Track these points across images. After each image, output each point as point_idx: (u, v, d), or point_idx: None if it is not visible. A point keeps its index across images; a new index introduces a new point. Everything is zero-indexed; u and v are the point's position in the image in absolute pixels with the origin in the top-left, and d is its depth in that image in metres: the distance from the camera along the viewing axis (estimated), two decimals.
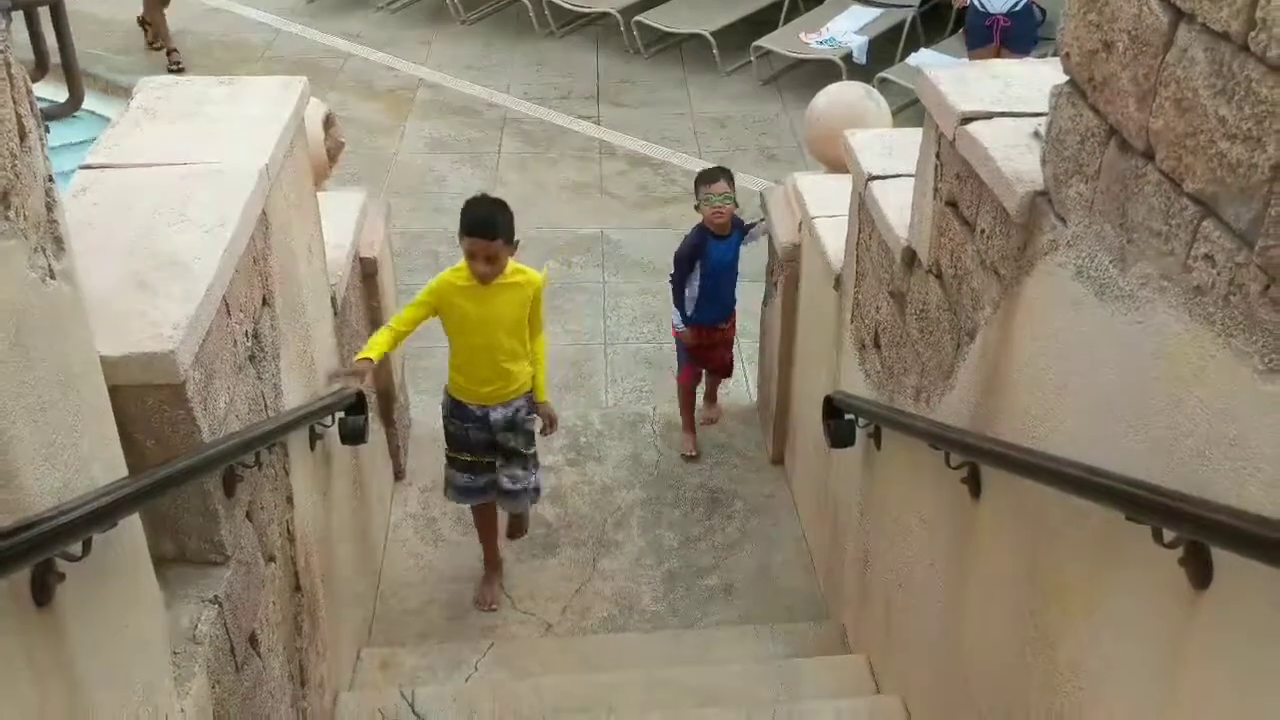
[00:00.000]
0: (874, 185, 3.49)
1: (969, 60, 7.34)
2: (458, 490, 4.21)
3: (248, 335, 2.78)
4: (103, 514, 1.78)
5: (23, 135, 1.63)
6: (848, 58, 8.75)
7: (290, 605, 3.12)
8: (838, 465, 4.15)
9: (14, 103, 1.60)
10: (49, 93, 2.89)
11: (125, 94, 3.86)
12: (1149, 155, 1.80)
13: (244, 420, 2.69)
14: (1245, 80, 1.51)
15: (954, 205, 2.78)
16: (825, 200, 4.35)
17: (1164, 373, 1.76)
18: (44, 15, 3.02)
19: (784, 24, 9.39)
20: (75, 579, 1.74)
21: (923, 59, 8.28)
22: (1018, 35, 7.72)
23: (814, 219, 4.32)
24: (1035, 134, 2.42)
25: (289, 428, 3.01)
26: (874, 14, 9.24)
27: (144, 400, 2.27)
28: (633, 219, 7.57)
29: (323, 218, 3.81)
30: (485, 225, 3.73)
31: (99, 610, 1.90)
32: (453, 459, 4.17)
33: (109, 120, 3.23)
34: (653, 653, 4.19)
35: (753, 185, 7.32)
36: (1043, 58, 4.30)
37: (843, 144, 3.84)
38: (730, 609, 4.50)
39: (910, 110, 7.22)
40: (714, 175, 4.84)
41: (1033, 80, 2.64)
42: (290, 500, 3.13)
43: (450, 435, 4.14)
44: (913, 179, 3.16)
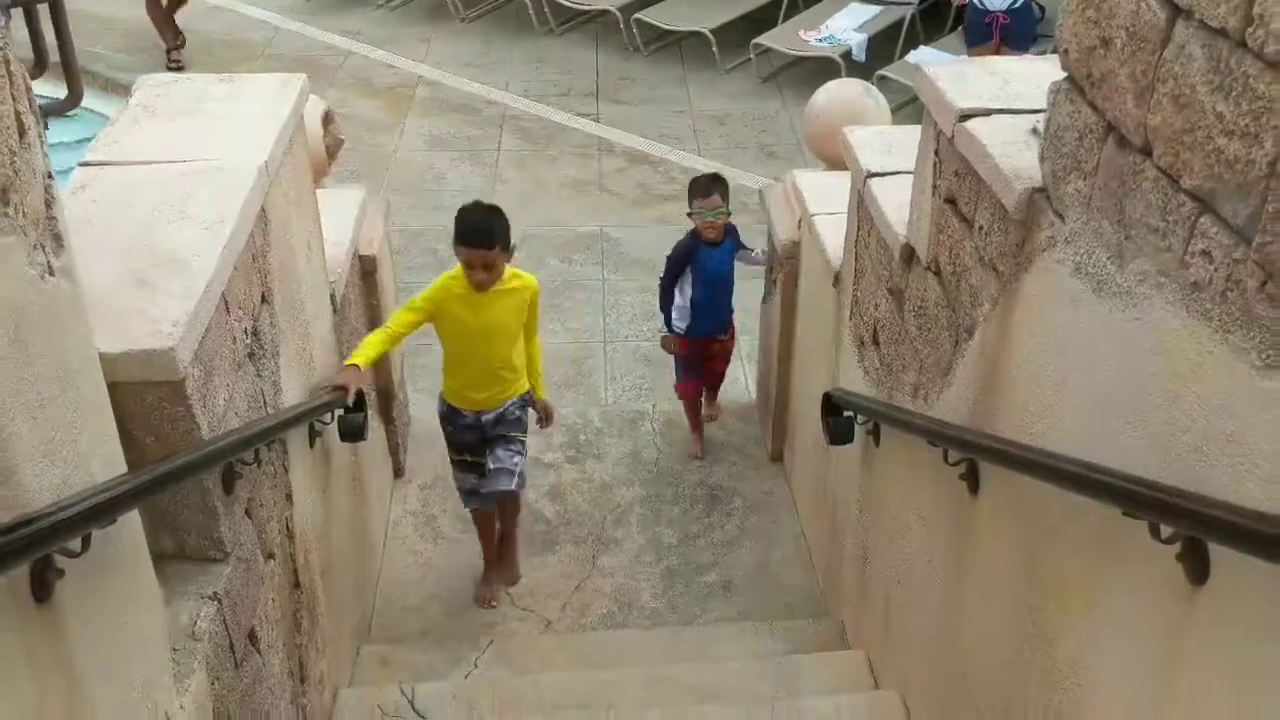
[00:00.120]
0: (873, 182, 3.50)
1: (968, 57, 7.34)
2: (465, 493, 4.24)
3: (247, 332, 2.78)
4: (102, 510, 1.78)
5: (22, 132, 1.63)
6: (847, 55, 8.74)
7: (290, 602, 3.13)
8: (837, 462, 4.15)
9: (13, 100, 1.60)
10: (48, 90, 2.90)
11: (125, 91, 3.86)
12: (1147, 151, 1.80)
13: (243, 417, 2.70)
14: (1243, 76, 1.51)
15: (952, 202, 2.78)
16: (824, 197, 4.35)
17: (1162, 369, 1.76)
18: (43, 13, 3.03)
19: (783, 21, 9.38)
20: (74, 575, 1.74)
21: (922, 56, 8.27)
22: (1017, 32, 7.72)
23: (813, 216, 4.32)
24: (1033, 131, 2.42)
25: (288, 425, 3.02)
26: (873, 11, 9.23)
27: (143, 397, 2.27)
28: (632, 216, 7.57)
29: (322, 215, 3.81)
30: (482, 234, 3.67)
31: (98, 607, 1.90)
32: (455, 461, 4.19)
33: (108, 118, 3.23)
34: (652, 649, 4.19)
35: (752, 183, 7.33)
36: (1042, 55, 4.30)
37: (842, 141, 3.84)
38: (729, 606, 4.50)
39: (909, 107, 7.21)
40: (708, 188, 4.74)
41: (1031, 77, 2.65)
42: (289, 497, 3.13)
43: (447, 438, 4.16)
44: (911, 176, 3.16)
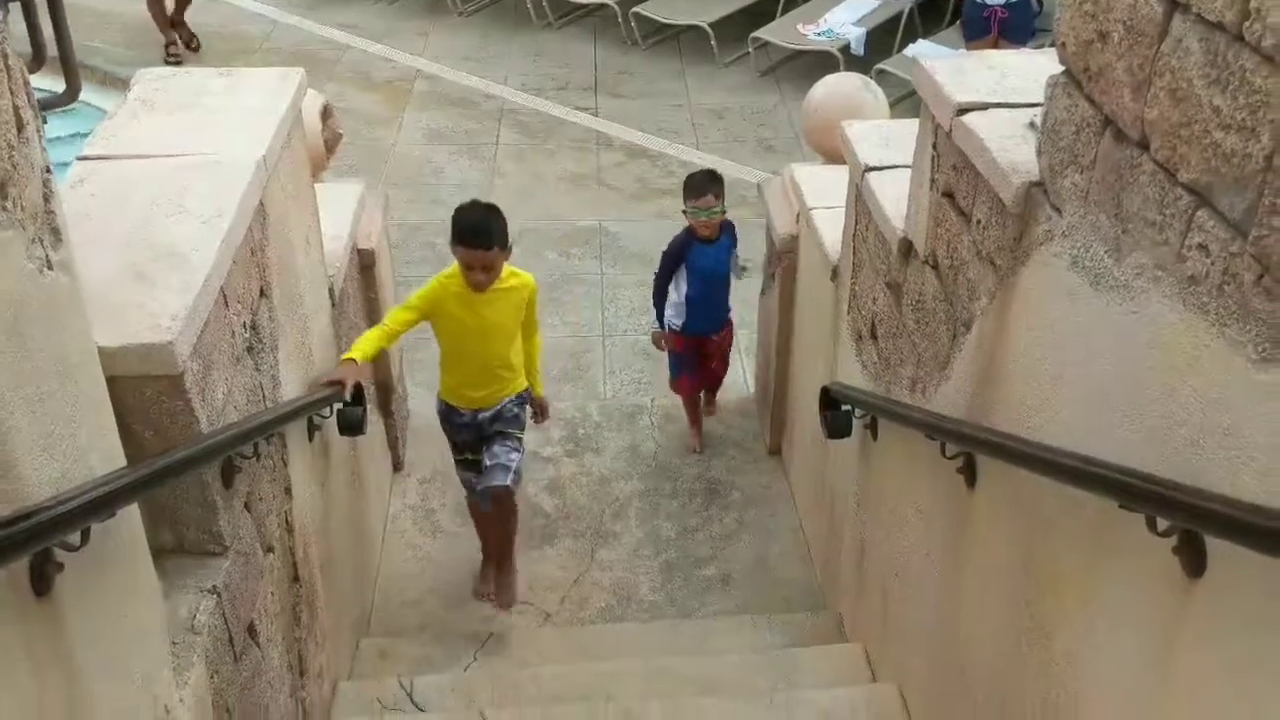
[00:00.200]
0: (871, 176, 3.50)
1: (966, 51, 7.34)
2: (469, 488, 4.22)
3: (245, 326, 2.79)
4: (101, 504, 1.78)
5: (20, 126, 1.63)
6: (845, 49, 8.74)
7: (289, 596, 3.13)
8: (835, 456, 4.16)
9: (11, 94, 1.60)
10: (46, 84, 2.89)
11: (123, 85, 3.86)
12: (1144, 145, 1.80)
13: (242, 411, 2.70)
14: (1240, 70, 1.51)
15: (950, 196, 2.78)
16: (823, 191, 4.35)
17: (1158, 362, 1.77)
18: (41, 6, 3.02)
19: (781, 15, 9.36)
20: (74, 569, 1.74)
21: (920, 50, 8.26)
22: (1015, 26, 7.72)
23: (811, 210, 4.32)
24: (1031, 125, 2.43)
25: (287, 419, 3.02)
26: (871, 5, 9.22)
27: (142, 391, 2.27)
28: (630, 210, 7.56)
29: (320, 209, 3.81)
30: (480, 234, 3.62)
31: (98, 600, 1.90)
32: (457, 460, 4.19)
33: (106, 112, 3.23)
34: (651, 642, 4.20)
35: (750, 177, 7.33)
36: (1039, 48, 4.30)
37: (840, 135, 3.84)
38: (728, 599, 4.51)
39: (907, 101, 7.20)
40: (701, 187, 4.67)
41: (1029, 71, 2.65)
42: (288, 491, 3.14)
43: (447, 436, 4.14)
44: (909, 170, 3.17)
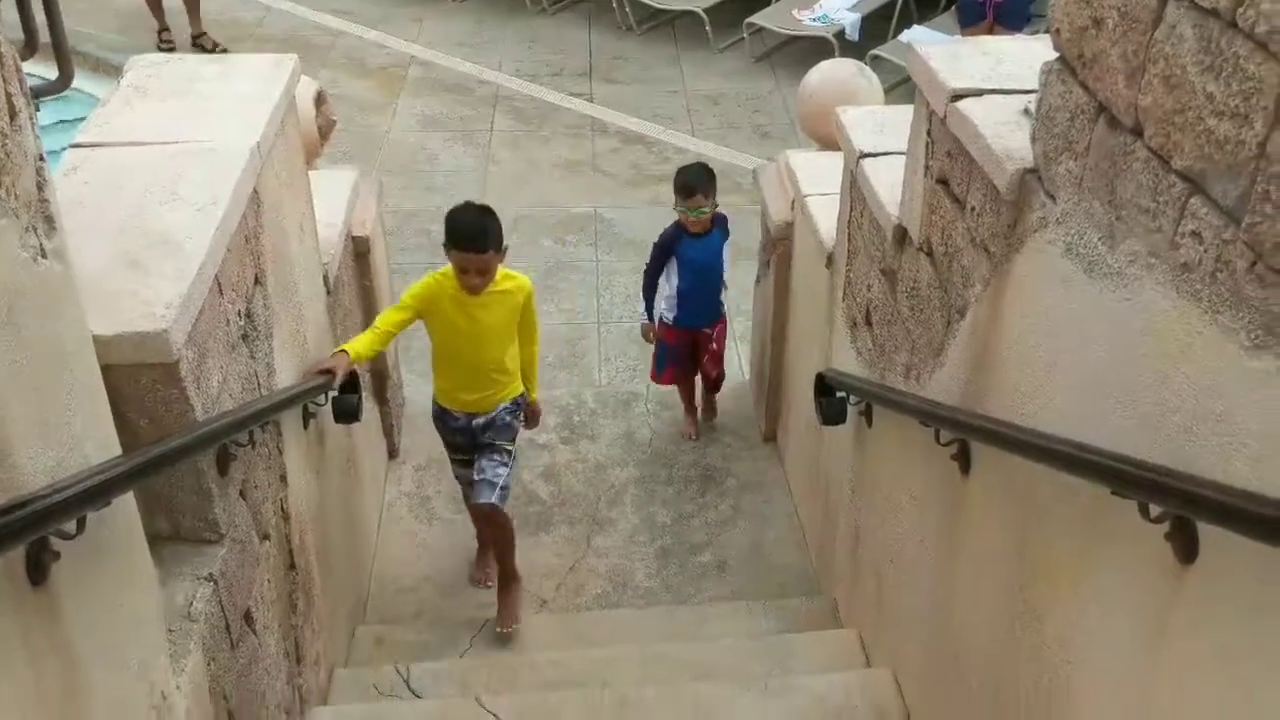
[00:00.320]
0: (865, 163, 3.49)
1: (961, 37, 7.32)
2: (466, 485, 4.18)
3: (240, 314, 2.78)
4: (97, 492, 1.78)
5: (13, 114, 1.62)
6: (840, 34, 8.72)
7: (285, 583, 3.14)
8: (829, 443, 4.16)
9: (3, 81, 1.59)
10: (39, 71, 2.88)
11: (115, 72, 3.85)
12: (1137, 132, 1.80)
13: (237, 399, 2.70)
14: (1233, 57, 1.51)
15: (945, 183, 2.78)
16: (818, 178, 4.35)
17: (1152, 349, 1.77)
18: None
19: (777, 0, 9.35)
20: (70, 558, 1.75)
21: (915, 36, 8.25)
22: (1010, 12, 7.70)
23: (806, 197, 4.32)
24: (1025, 111, 2.43)
25: (282, 406, 3.02)
26: None
27: (137, 379, 2.27)
28: (625, 197, 7.55)
29: (315, 196, 3.80)
30: (476, 238, 3.55)
31: (94, 589, 1.91)
32: (451, 459, 4.17)
33: (99, 99, 3.22)
34: (646, 628, 4.22)
35: (746, 163, 7.33)
36: (1035, 35, 4.29)
37: (834, 122, 3.83)
38: (723, 585, 4.52)
39: (902, 88, 7.19)
40: (690, 186, 4.60)
41: (1024, 57, 2.64)
42: (284, 479, 3.14)
43: (441, 436, 4.11)
44: (904, 157, 3.16)
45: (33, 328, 1.67)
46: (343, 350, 3.62)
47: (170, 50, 8.66)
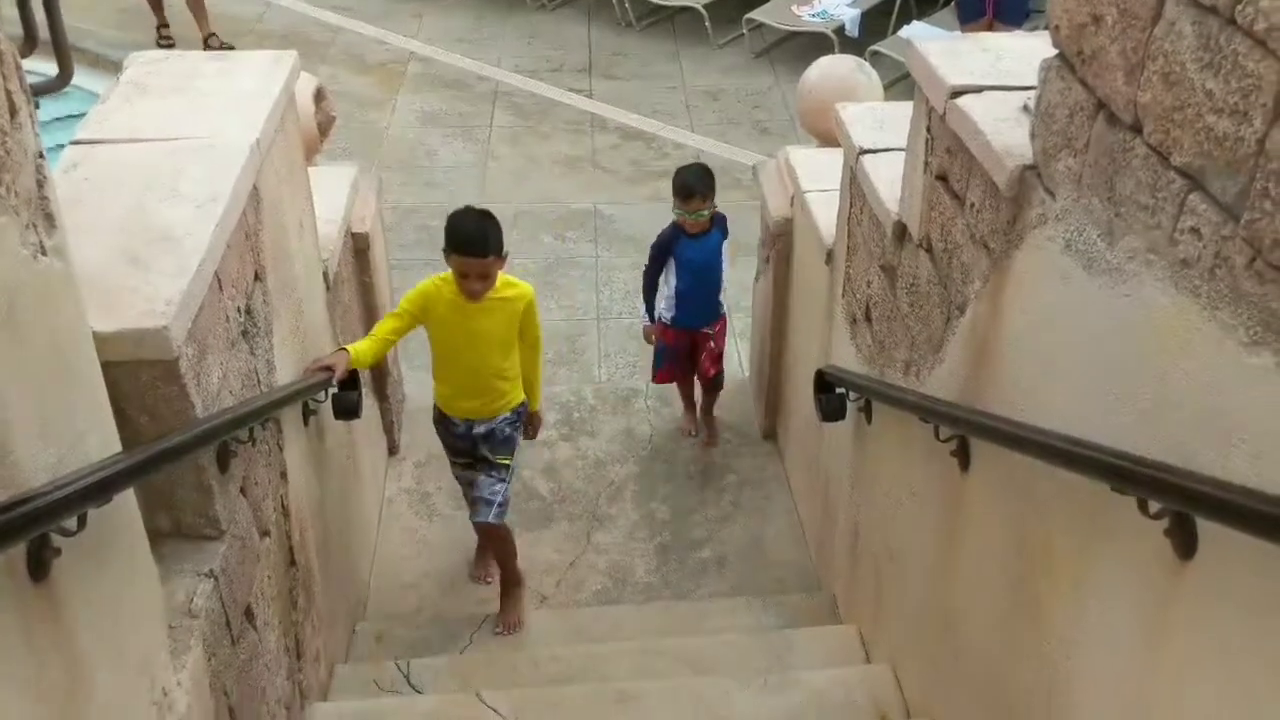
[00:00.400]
0: (865, 159, 3.49)
1: (961, 33, 7.32)
2: (466, 487, 4.16)
3: (240, 311, 2.78)
4: (97, 489, 1.79)
5: (13, 112, 1.62)
6: (840, 30, 8.72)
7: (285, 579, 3.14)
8: (829, 439, 4.17)
9: (3, 79, 1.59)
10: (39, 68, 2.88)
11: (114, 68, 3.84)
12: (1137, 129, 1.81)
13: (237, 396, 2.70)
14: (1232, 54, 1.51)
15: (944, 179, 2.79)
16: (817, 174, 4.34)
17: (1151, 346, 1.78)
18: None
19: None
20: (71, 554, 1.75)
21: (914, 32, 8.25)
22: (1010, 8, 7.68)
23: (806, 193, 4.32)
24: (1025, 108, 2.43)
25: (282, 403, 3.02)
26: None
27: (137, 376, 2.27)
28: (625, 193, 7.55)
29: (314, 193, 3.80)
30: (477, 243, 3.49)
31: (95, 585, 1.91)
32: (451, 462, 4.14)
33: (97, 95, 3.22)
34: (646, 624, 4.22)
35: (745, 159, 7.33)
36: (1034, 31, 4.29)
37: (834, 118, 3.83)
38: (723, 581, 4.53)
39: (902, 84, 7.19)
40: (689, 188, 4.54)
41: (1023, 54, 2.64)
42: (284, 475, 3.14)
43: (441, 440, 4.09)
44: (904, 153, 3.16)
45: (33, 325, 1.67)
46: (343, 349, 3.61)
47: (170, 46, 8.65)
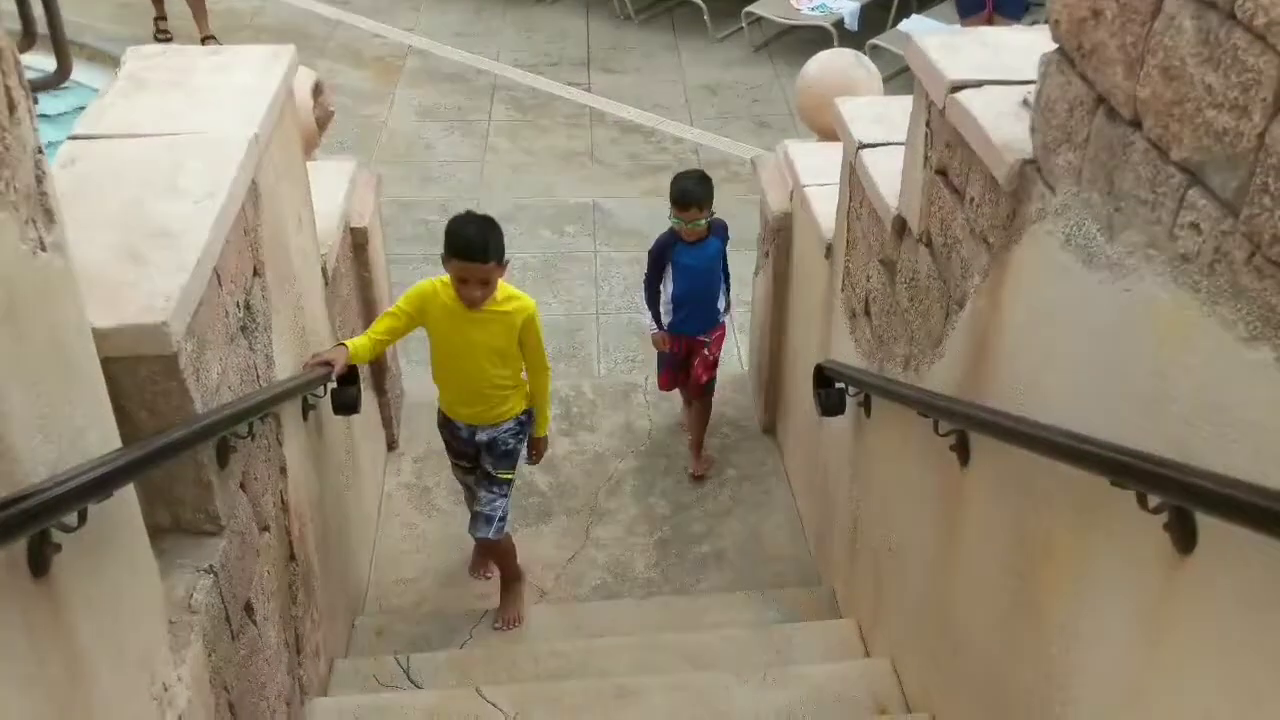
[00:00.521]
0: (864, 153, 3.49)
1: (960, 27, 7.31)
2: (466, 488, 4.16)
3: (239, 306, 2.78)
4: (97, 485, 1.79)
5: (11, 107, 1.62)
6: (839, 24, 8.71)
7: (285, 574, 3.14)
8: (828, 433, 4.17)
9: (2, 74, 1.59)
10: (37, 63, 2.87)
11: (113, 63, 3.84)
12: (1136, 124, 1.81)
13: (236, 391, 2.70)
14: (1232, 48, 1.51)
15: (944, 173, 2.79)
16: (817, 168, 4.34)
17: (1150, 340, 1.78)
18: None
19: None
20: (71, 550, 1.75)
21: (914, 26, 8.24)
22: (1009, 2, 7.68)
23: (805, 187, 4.32)
24: (1024, 102, 2.42)
25: (281, 398, 3.02)
26: None
27: (137, 372, 2.27)
28: (624, 187, 7.55)
29: (312, 187, 3.80)
30: (477, 248, 3.40)
31: (95, 581, 1.91)
32: (452, 464, 4.13)
33: (96, 90, 3.21)
34: (646, 619, 4.22)
35: (744, 154, 7.32)
36: (1034, 25, 4.29)
37: (833, 112, 3.83)
38: (722, 575, 4.53)
39: (901, 78, 7.19)
40: (686, 198, 4.42)
41: (1023, 48, 2.64)
42: (284, 470, 3.14)
43: (443, 440, 4.05)
44: (903, 147, 3.16)
45: (32, 320, 1.67)
46: (342, 344, 3.60)
47: (167, 40, 8.64)
